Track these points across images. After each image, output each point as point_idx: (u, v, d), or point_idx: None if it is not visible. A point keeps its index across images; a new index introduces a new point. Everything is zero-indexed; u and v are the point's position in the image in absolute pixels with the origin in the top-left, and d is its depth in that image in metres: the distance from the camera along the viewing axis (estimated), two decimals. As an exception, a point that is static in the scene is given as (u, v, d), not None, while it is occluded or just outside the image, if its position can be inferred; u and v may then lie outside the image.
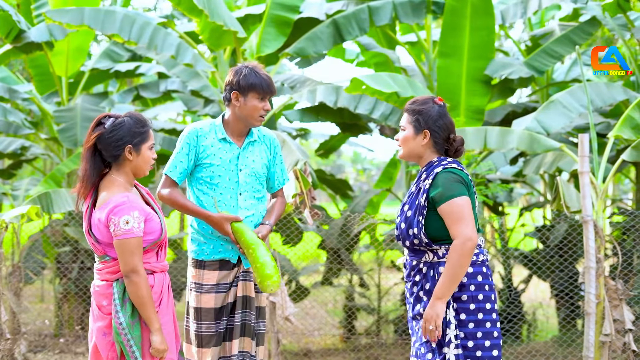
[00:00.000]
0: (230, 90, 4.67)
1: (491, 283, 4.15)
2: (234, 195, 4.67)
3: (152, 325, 4.06)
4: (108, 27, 7.95)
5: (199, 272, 4.69)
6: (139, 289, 4.03)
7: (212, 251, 4.67)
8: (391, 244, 9.48)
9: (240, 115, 4.67)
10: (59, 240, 9.21)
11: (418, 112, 4.23)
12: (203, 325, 4.66)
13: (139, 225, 4.02)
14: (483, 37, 8.51)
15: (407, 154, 4.30)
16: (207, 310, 4.66)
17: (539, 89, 10.23)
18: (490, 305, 4.11)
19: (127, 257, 4.01)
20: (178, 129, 11.37)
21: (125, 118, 4.17)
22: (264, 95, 4.65)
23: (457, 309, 4.08)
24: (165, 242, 4.25)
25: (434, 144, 4.23)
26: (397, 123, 8.66)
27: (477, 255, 4.13)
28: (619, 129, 7.00)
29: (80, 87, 10.09)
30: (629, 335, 6.75)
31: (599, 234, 6.72)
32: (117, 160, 4.16)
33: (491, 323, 4.11)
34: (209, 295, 4.65)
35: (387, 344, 9.06)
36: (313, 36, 8.59)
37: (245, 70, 4.65)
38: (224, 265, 4.68)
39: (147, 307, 4.04)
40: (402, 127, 4.30)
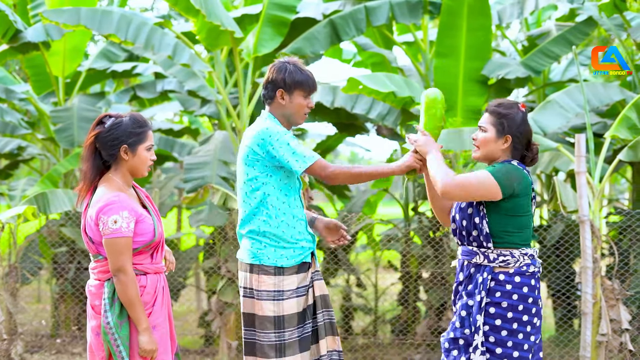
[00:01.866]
0: (274, 89, 4.51)
1: (536, 297, 4.11)
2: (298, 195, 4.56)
3: (139, 325, 4.04)
4: (105, 27, 7.94)
5: (279, 279, 4.48)
6: (126, 289, 4.02)
7: (293, 255, 4.50)
8: (388, 244, 9.49)
9: (285, 113, 4.53)
10: (55, 241, 9.20)
11: (504, 115, 4.19)
12: (286, 333, 4.47)
13: (127, 225, 4.01)
14: (480, 37, 8.52)
15: (484, 155, 4.26)
16: (290, 316, 4.48)
17: (535, 89, 10.24)
18: (528, 317, 4.08)
19: (114, 256, 4.01)
20: (175, 129, 11.40)
21: (124, 118, 4.17)
22: (309, 92, 4.53)
23: (494, 314, 4.06)
24: (162, 244, 4.24)
25: (513, 149, 4.21)
26: (394, 123, 8.68)
27: (527, 265, 4.11)
28: (616, 128, 7.02)
29: (77, 87, 10.09)
30: (625, 335, 6.76)
31: (596, 233, 6.74)
32: (114, 160, 4.16)
33: (524, 335, 4.08)
34: (291, 301, 4.48)
35: (384, 344, 9.07)
36: (310, 36, 8.58)
37: (290, 67, 4.49)
38: (301, 268, 4.54)
39: (134, 306, 4.03)
40: (483, 128, 4.23)
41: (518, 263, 4.10)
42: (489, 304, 4.08)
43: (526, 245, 4.15)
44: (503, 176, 4.07)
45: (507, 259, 4.09)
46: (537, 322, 4.14)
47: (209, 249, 9.01)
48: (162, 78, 10.39)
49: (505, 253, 4.10)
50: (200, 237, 10.40)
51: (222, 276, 8.42)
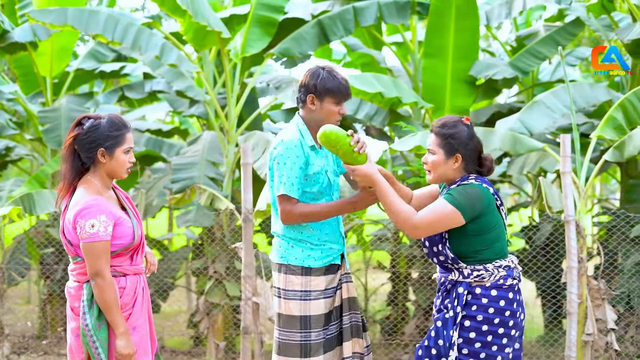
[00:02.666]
0: (306, 93, 4.53)
1: (514, 310, 4.08)
2: (329, 199, 4.57)
3: (117, 329, 4.03)
4: (92, 28, 7.92)
5: (306, 279, 4.53)
6: (103, 293, 4.01)
7: (321, 257, 4.54)
8: (377, 244, 9.48)
9: (315, 118, 4.53)
10: (42, 242, 9.18)
11: (450, 135, 4.14)
12: (312, 334, 4.51)
13: (105, 229, 4.00)
14: (467, 38, 8.52)
15: (437, 178, 4.22)
16: (317, 317, 4.52)
17: (524, 89, 10.25)
18: (504, 330, 4.05)
19: (92, 260, 4.00)
20: (164, 129, 11.37)
21: (102, 120, 4.14)
22: (341, 99, 4.52)
23: (469, 327, 4.04)
24: (142, 246, 4.23)
25: (465, 167, 4.17)
26: (381, 123, 8.68)
27: (504, 278, 4.09)
28: (602, 129, 7.02)
29: (65, 87, 10.06)
30: (611, 334, 6.77)
31: (581, 234, 6.74)
32: (91, 162, 4.15)
33: (498, 347, 4.05)
34: (318, 302, 4.52)
35: (373, 344, 9.07)
36: (298, 37, 8.57)
37: (324, 74, 4.50)
38: (330, 269, 4.58)
39: (111, 310, 4.02)
40: (432, 151, 4.19)
41: (493, 277, 4.07)
42: (464, 317, 4.06)
43: (500, 257, 4.11)
44: (462, 201, 4.02)
45: (482, 273, 4.07)
46: (515, 334, 4.11)
47: (197, 249, 8.99)
48: (151, 78, 10.36)
49: (478, 268, 4.08)
50: (190, 237, 10.39)
51: (210, 277, 8.42)
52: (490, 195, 4.10)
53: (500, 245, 4.13)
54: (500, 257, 4.12)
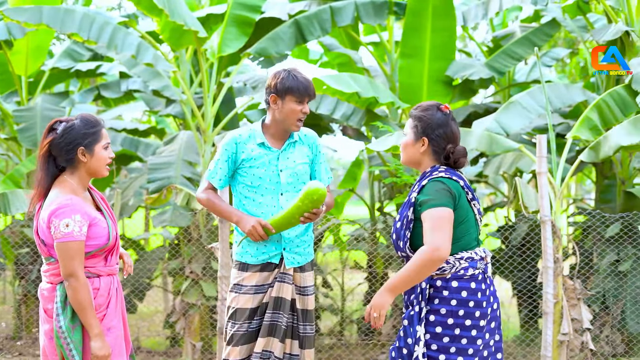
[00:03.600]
0: (269, 94, 4.70)
1: (479, 299, 4.01)
2: (276, 196, 4.71)
3: (91, 331, 3.99)
4: (67, 26, 7.84)
5: (241, 274, 4.73)
6: (77, 294, 3.96)
7: (256, 253, 4.71)
8: (355, 244, 9.49)
9: (279, 118, 4.70)
10: (17, 242, 9.10)
11: (418, 118, 4.13)
12: (236, 325, 4.70)
13: (80, 229, 3.96)
14: (444, 38, 8.55)
15: (406, 159, 4.21)
16: (242, 310, 4.69)
17: (500, 90, 10.29)
18: (471, 322, 3.98)
19: (66, 261, 3.95)
20: (140, 129, 11.31)
21: (75, 121, 4.11)
22: (301, 98, 4.66)
23: (434, 321, 3.98)
24: (116, 247, 4.19)
25: (433, 152, 4.12)
26: (358, 123, 8.68)
27: (465, 269, 4.02)
28: (577, 129, 7.06)
29: (40, 86, 9.98)
30: (586, 334, 6.81)
31: (557, 233, 6.77)
32: (72, 164, 4.10)
33: (468, 340, 3.99)
34: (247, 296, 4.69)
35: (350, 344, 9.07)
36: (275, 36, 8.56)
37: (283, 74, 4.67)
38: (266, 267, 4.72)
39: (86, 312, 3.98)
40: (404, 133, 4.21)
41: (454, 268, 4.01)
42: (429, 312, 4.01)
43: (464, 250, 4.05)
44: (439, 197, 3.97)
45: (442, 265, 4.01)
46: (484, 324, 4.05)
47: (173, 249, 8.95)
48: (127, 77, 10.31)
49: None
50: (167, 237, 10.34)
51: (187, 277, 8.38)
52: (460, 189, 4.05)
53: (467, 239, 4.07)
54: (465, 250, 4.06)
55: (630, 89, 7.31)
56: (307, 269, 4.82)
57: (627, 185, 8.65)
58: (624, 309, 8.04)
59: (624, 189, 8.60)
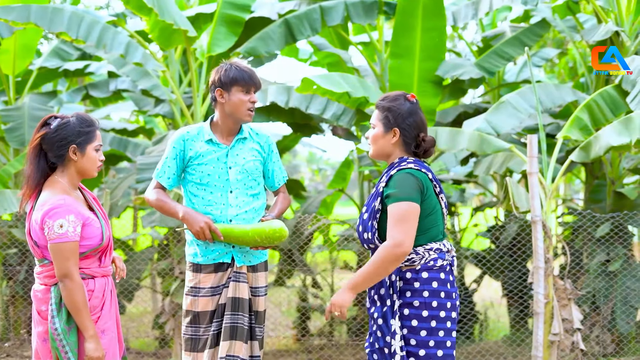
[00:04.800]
0: (214, 89, 4.64)
1: (449, 290, 3.99)
2: (225, 193, 4.64)
3: (86, 332, 3.96)
4: (55, 25, 7.79)
5: (197, 276, 4.66)
6: (72, 295, 3.93)
7: (206, 252, 4.65)
8: (344, 244, 9.47)
9: (228, 112, 4.64)
10: (5, 243, 9.04)
11: (387, 109, 4.10)
12: (200, 329, 4.62)
13: (74, 230, 3.93)
14: (434, 38, 8.50)
15: (376, 152, 4.17)
16: (204, 313, 4.62)
17: (490, 90, 10.28)
18: (445, 313, 3.97)
19: (60, 262, 3.92)
20: (129, 129, 11.25)
21: (71, 118, 4.09)
22: (247, 87, 4.62)
23: (409, 315, 3.94)
24: (110, 248, 4.16)
25: (404, 143, 4.10)
26: (348, 123, 8.65)
27: (434, 260, 3.99)
28: (567, 130, 7.06)
29: (28, 85, 9.91)
30: (577, 334, 6.81)
31: (548, 234, 6.77)
32: (62, 161, 4.07)
33: (445, 332, 3.96)
34: (205, 299, 4.62)
35: (340, 345, 9.04)
36: (265, 36, 8.52)
37: (226, 66, 4.65)
38: (219, 268, 4.65)
39: (81, 313, 3.94)
40: (372, 125, 4.16)
41: (423, 259, 3.98)
42: (402, 305, 3.97)
43: (433, 242, 4.02)
44: (406, 191, 3.93)
45: (412, 256, 3.98)
46: (455, 316, 4.03)
47: (162, 250, 8.90)
48: (116, 77, 10.25)
49: None
50: (156, 237, 10.29)
51: (176, 277, 8.34)
52: (428, 181, 4.02)
53: (435, 231, 4.04)
54: (433, 241, 4.03)
55: (621, 89, 7.32)
56: (260, 269, 4.75)
57: (617, 185, 8.66)
58: (614, 309, 8.05)
59: (614, 189, 8.61)
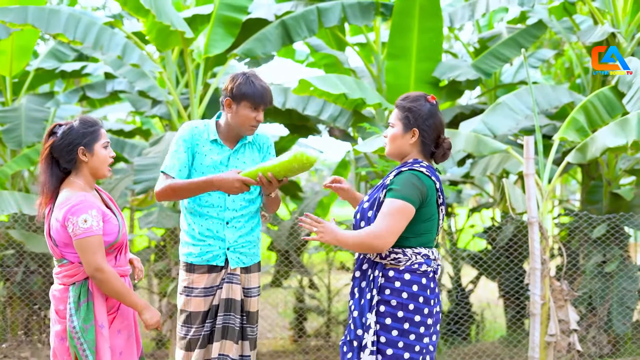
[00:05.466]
0: (224, 97, 4.60)
1: (428, 296, 3.99)
2: (222, 195, 4.62)
3: (137, 308, 4.11)
4: (52, 27, 7.79)
5: (190, 276, 4.66)
6: (109, 284, 4.03)
7: (200, 253, 4.64)
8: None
9: (232, 122, 4.61)
10: (2, 244, 9.03)
11: (408, 109, 4.08)
12: (192, 329, 4.62)
13: (98, 224, 4.01)
14: (431, 39, 8.52)
15: (393, 152, 4.15)
16: (196, 314, 4.63)
17: (487, 91, 10.28)
18: (420, 318, 3.96)
19: (89, 256, 4.00)
20: (126, 129, 11.25)
21: (74, 122, 4.19)
22: (256, 105, 4.55)
23: (384, 312, 3.94)
24: (126, 245, 4.24)
25: (422, 144, 4.09)
26: (345, 125, 8.66)
27: (419, 264, 3.99)
28: (564, 131, 7.07)
29: (25, 87, 9.90)
30: (573, 335, 6.82)
31: (544, 235, 6.78)
32: (74, 165, 4.16)
33: (416, 336, 3.95)
34: (198, 299, 4.62)
35: (337, 346, 9.04)
36: (262, 37, 8.52)
37: (241, 79, 4.55)
38: (213, 268, 4.65)
39: (124, 297, 4.07)
40: (392, 124, 4.14)
41: (409, 261, 3.98)
42: (379, 302, 3.97)
43: (423, 247, 4.03)
44: (407, 191, 3.94)
45: (399, 256, 3.98)
46: (431, 323, 4.02)
47: (160, 251, 8.90)
48: (112, 78, 10.24)
49: (397, 251, 3.99)
50: (152, 238, 10.29)
51: (173, 279, 8.34)
52: (434, 189, 4.03)
53: (428, 237, 4.05)
54: (424, 247, 4.04)
55: (617, 90, 7.33)
56: (253, 270, 4.75)
57: (614, 186, 8.67)
58: (610, 309, 8.06)
59: (610, 190, 8.62)
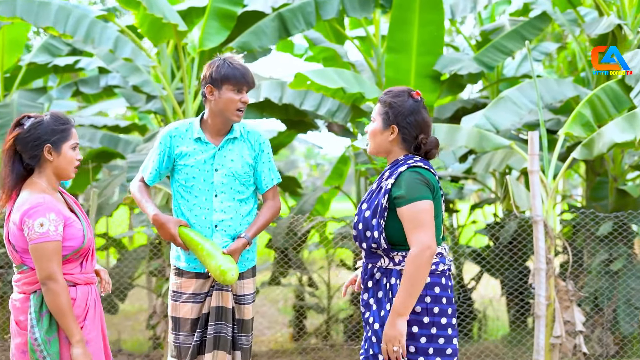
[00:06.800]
0: (204, 85, 4.41)
1: (450, 295, 3.82)
2: (209, 197, 4.41)
3: (72, 337, 3.75)
4: (42, 20, 7.59)
5: (178, 280, 4.48)
6: (57, 298, 3.72)
7: (188, 259, 4.45)
8: (341, 242, 9.30)
9: (216, 110, 4.40)
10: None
11: (389, 104, 3.88)
12: (181, 336, 4.45)
13: (55, 229, 3.73)
14: (432, 32, 8.33)
15: (374, 148, 3.96)
16: (184, 320, 4.44)
17: (489, 85, 10.11)
18: (446, 320, 3.78)
19: (43, 262, 3.71)
20: (122, 125, 11.06)
21: (45, 117, 3.91)
22: (239, 86, 4.37)
23: (410, 321, 3.73)
24: (92, 251, 3.96)
25: (403, 141, 3.89)
26: (344, 120, 8.47)
27: (436, 264, 3.80)
28: (570, 126, 6.87)
29: (17, 82, 9.71)
30: (579, 337, 6.62)
31: (549, 234, 6.58)
32: (37, 162, 3.88)
33: (445, 339, 3.78)
34: (187, 306, 4.44)
35: (336, 345, 8.90)
36: (258, 30, 8.34)
37: (219, 62, 4.40)
38: (201, 274, 4.45)
39: (66, 317, 3.74)
40: (373, 119, 3.96)
41: None
42: None
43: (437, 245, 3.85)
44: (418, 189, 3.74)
45: None
46: (455, 322, 3.86)
47: (155, 248, 8.73)
48: (107, 73, 10.05)
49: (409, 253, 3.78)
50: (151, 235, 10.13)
51: (167, 279, 8.15)
52: (436, 181, 3.86)
53: (437, 234, 3.85)
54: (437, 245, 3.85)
55: (624, 84, 7.12)
56: (247, 276, 4.54)
57: (620, 182, 8.49)
58: (617, 309, 7.87)
59: (616, 186, 8.44)
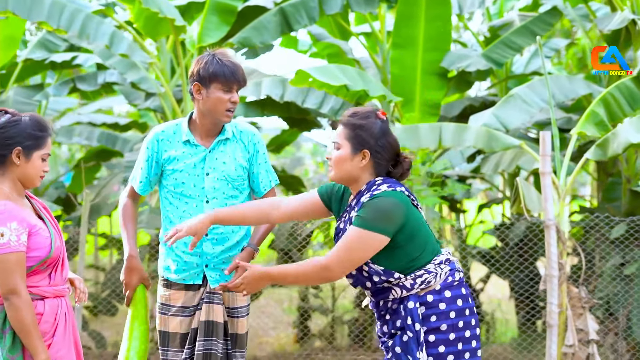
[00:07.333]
0: (192, 82, 4.07)
1: (471, 305, 3.58)
2: (200, 203, 4.10)
3: (37, 356, 3.47)
4: (35, 14, 7.34)
5: (167, 292, 4.16)
6: (20, 314, 3.44)
7: (177, 270, 4.14)
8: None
9: (205, 110, 4.07)
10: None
11: (359, 126, 3.55)
12: (169, 352, 4.15)
13: (17, 239, 3.45)
14: (439, 28, 8.11)
15: (339, 176, 3.62)
16: (174, 335, 4.14)
17: (497, 82, 9.88)
18: (470, 332, 3.55)
19: (4, 276, 3.43)
20: (121, 123, 10.86)
21: (24, 117, 3.61)
22: (228, 85, 4.01)
23: (436, 341, 3.50)
24: (62, 261, 3.67)
25: (375, 166, 3.59)
26: (348, 118, 8.24)
27: (452, 274, 3.56)
28: (583, 125, 6.61)
29: (13, 78, 9.48)
30: (592, 345, 6.35)
31: (562, 238, 6.32)
32: (3, 164, 3.58)
33: (470, 354, 3.55)
34: (176, 320, 4.12)
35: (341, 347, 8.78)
36: (259, 25, 8.10)
37: (207, 58, 4.05)
38: (190, 286, 4.15)
39: (30, 334, 3.46)
40: (337, 145, 3.60)
41: (440, 277, 3.54)
42: (427, 332, 3.51)
43: (437, 254, 3.59)
44: (378, 219, 3.47)
45: (426, 278, 3.52)
46: (479, 332, 3.62)
47: (152, 249, 8.52)
48: (105, 69, 9.82)
49: (419, 274, 3.52)
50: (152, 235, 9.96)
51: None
52: (406, 197, 3.55)
53: (432, 243, 3.59)
54: (438, 254, 3.59)
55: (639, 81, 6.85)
56: None
57: (633, 183, 8.25)
58: (630, 315, 7.60)
59: (630, 188, 8.19)
